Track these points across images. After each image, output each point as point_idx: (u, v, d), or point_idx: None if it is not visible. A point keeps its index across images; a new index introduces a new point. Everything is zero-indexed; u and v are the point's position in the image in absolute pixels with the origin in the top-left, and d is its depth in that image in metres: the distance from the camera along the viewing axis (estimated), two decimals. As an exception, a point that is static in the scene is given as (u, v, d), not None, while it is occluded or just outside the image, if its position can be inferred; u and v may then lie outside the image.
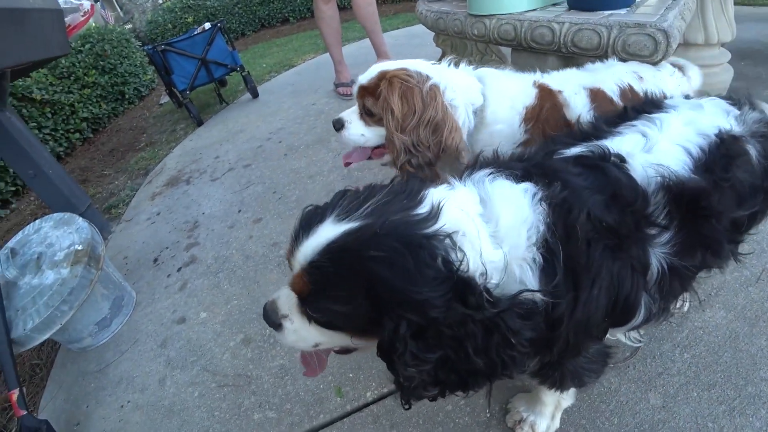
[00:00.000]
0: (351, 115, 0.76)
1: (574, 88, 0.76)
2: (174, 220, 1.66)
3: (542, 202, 0.46)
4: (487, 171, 0.52)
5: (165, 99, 4.18)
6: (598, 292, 0.45)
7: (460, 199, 0.48)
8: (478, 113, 0.74)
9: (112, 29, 4.44)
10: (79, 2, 2.12)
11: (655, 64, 0.83)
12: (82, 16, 2.10)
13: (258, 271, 1.23)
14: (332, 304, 0.45)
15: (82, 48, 3.80)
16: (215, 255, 1.36)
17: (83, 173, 2.73)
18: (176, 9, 5.44)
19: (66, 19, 1.97)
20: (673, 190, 0.50)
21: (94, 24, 4.38)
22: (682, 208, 0.50)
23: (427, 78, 0.70)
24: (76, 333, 1.09)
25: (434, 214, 0.44)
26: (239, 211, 1.56)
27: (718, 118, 0.58)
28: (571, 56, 0.96)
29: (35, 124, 2.71)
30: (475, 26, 1.14)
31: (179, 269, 1.35)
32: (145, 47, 3.27)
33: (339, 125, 0.77)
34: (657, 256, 0.49)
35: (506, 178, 0.50)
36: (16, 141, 1.54)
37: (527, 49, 1.03)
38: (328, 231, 0.44)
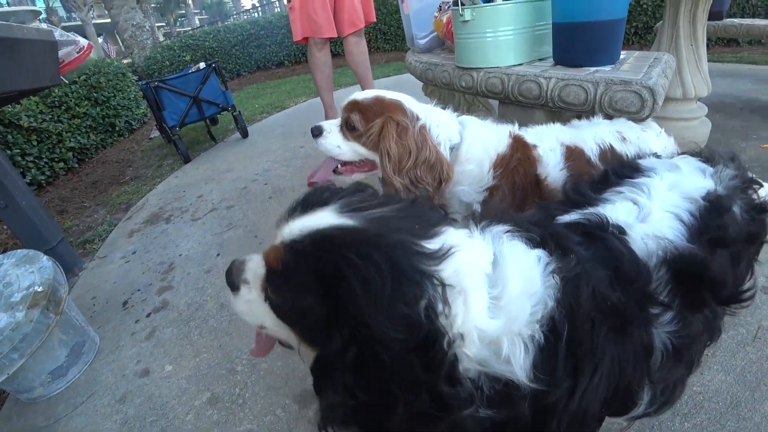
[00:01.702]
0: (331, 125, 0.74)
1: (551, 144, 0.76)
2: (149, 261, 1.59)
3: (554, 275, 0.42)
4: (506, 228, 0.48)
5: (155, 133, 4.17)
6: (598, 380, 0.41)
7: (474, 253, 0.43)
8: (454, 150, 0.73)
9: (109, 62, 4.49)
10: (76, 38, 2.12)
11: (642, 120, 0.83)
12: (77, 52, 2.10)
13: (232, 323, 1.16)
14: (292, 293, 0.42)
15: (77, 79, 3.81)
16: (188, 301, 1.29)
17: (62, 203, 2.65)
18: (175, 47, 5.56)
19: (60, 52, 1.97)
20: (674, 264, 0.47)
21: (94, 57, 4.42)
22: (683, 283, 0.47)
23: (417, 117, 0.69)
24: (27, 382, 1.01)
25: (441, 255, 0.40)
26: (218, 254, 1.51)
27: (698, 178, 0.57)
28: (558, 111, 0.96)
29: (19, 150, 2.66)
30: (463, 78, 1.15)
31: (149, 315, 1.27)
32: (140, 82, 3.30)
33: (317, 132, 0.75)
34: (661, 337, 0.45)
35: (522, 241, 0.46)
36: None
37: (515, 102, 1.03)
38: (324, 218, 0.41)
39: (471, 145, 0.72)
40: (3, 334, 0.89)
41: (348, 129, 0.71)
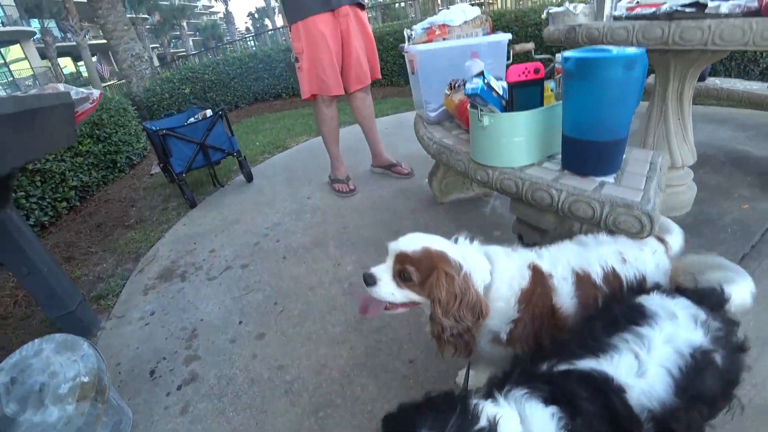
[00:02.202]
0: (382, 273, 0.82)
1: (564, 272, 0.85)
2: (170, 324, 1.65)
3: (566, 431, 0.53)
4: (524, 390, 0.58)
5: (156, 169, 4.23)
6: None
7: (509, 418, 0.54)
8: (485, 290, 0.82)
9: (111, 98, 4.55)
10: (89, 91, 2.20)
11: (641, 239, 0.93)
12: (90, 103, 2.18)
13: (265, 399, 1.22)
14: None
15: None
16: (218, 374, 1.35)
17: (68, 249, 2.68)
18: (174, 79, 5.64)
19: (76, 108, 2.05)
20: (660, 418, 0.58)
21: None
22: None
23: (460, 267, 0.78)
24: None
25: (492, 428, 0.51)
26: (240, 322, 1.56)
27: (690, 330, 0.67)
28: (567, 218, 1.07)
29: (23, 192, 2.70)
30: (479, 173, 1.25)
31: (179, 387, 1.33)
32: (144, 124, 3.36)
33: (372, 281, 0.83)
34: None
35: (539, 400, 0.56)
36: (15, 240, 1.53)
37: (527, 203, 1.14)
38: None
39: (500, 284, 0.81)
40: (56, 428, 0.95)
41: (402, 279, 0.80)
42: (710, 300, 0.73)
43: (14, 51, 19.55)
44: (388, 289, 0.82)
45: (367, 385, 1.22)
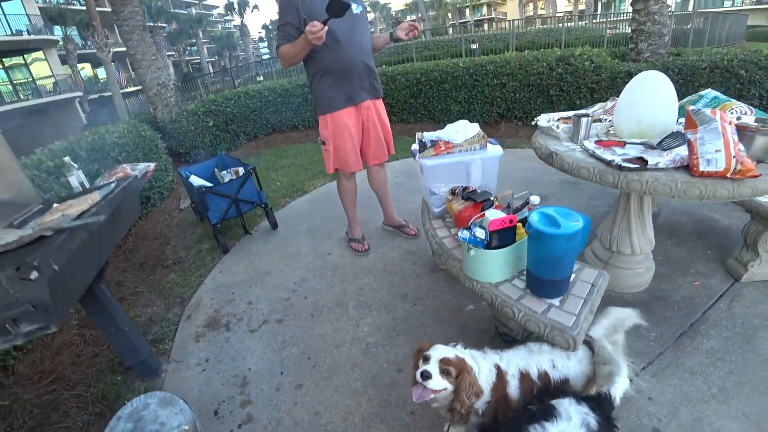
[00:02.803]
0: (433, 371, 1.24)
1: (513, 371, 1.31)
2: (224, 371, 2.08)
3: None
4: None
5: (184, 204, 4.69)
6: None
7: None
8: None
9: (143, 135, 5.00)
10: (147, 165, 2.67)
11: (570, 351, 1.37)
12: (147, 174, 2.65)
13: (309, 441, 1.67)
14: None
15: (119, 158, 4.32)
16: (269, 416, 1.78)
17: (119, 289, 3.12)
18: (199, 112, 6.10)
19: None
20: None
21: (126, 126, 4.95)
22: None
23: (471, 368, 1.25)
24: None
25: None
26: (281, 373, 2.00)
27: (576, 429, 1.09)
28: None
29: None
30: (467, 281, 1.68)
31: (240, 426, 1.76)
32: (181, 171, 3.82)
33: (428, 376, 1.24)
34: None
35: None
36: (105, 307, 1.97)
37: (498, 312, 1.58)
38: None
39: (482, 378, 1.27)
40: (170, 466, 1.38)
41: (444, 374, 1.24)
42: (603, 407, 1.16)
43: (36, 57, 20.03)
44: (437, 381, 1.25)
45: (381, 429, 1.66)
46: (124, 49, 7.10)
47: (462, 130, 2.12)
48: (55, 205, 2.05)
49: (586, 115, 2.10)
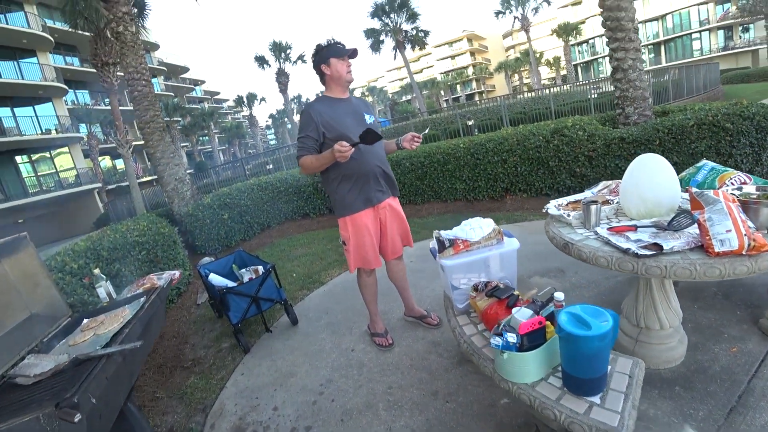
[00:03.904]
0: None
1: None
2: (250, 493, 1.98)
3: None
4: None
5: (202, 299, 4.71)
6: None
7: None
8: None
9: (162, 232, 5.15)
10: (172, 273, 2.73)
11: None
12: (171, 282, 2.71)
13: None
14: None
15: (139, 256, 4.42)
16: None
17: (138, 396, 3.04)
18: (214, 206, 6.31)
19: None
20: None
21: (145, 223, 5.11)
22: None
23: None
24: None
25: None
26: (313, 493, 1.90)
27: None
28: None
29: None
30: (501, 383, 1.65)
31: None
32: (199, 269, 3.88)
33: None
34: None
35: None
36: (133, 426, 1.93)
37: (538, 414, 1.52)
38: None
39: None
40: None
41: None
42: None
43: (61, 151, 21.54)
44: None
45: None
46: (142, 142, 7.52)
47: (478, 227, 2.19)
48: (85, 321, 2.10)
49: (595, 202, 2.17)
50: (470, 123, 13.99)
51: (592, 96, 14.66)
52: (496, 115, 15.42)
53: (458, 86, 60.97)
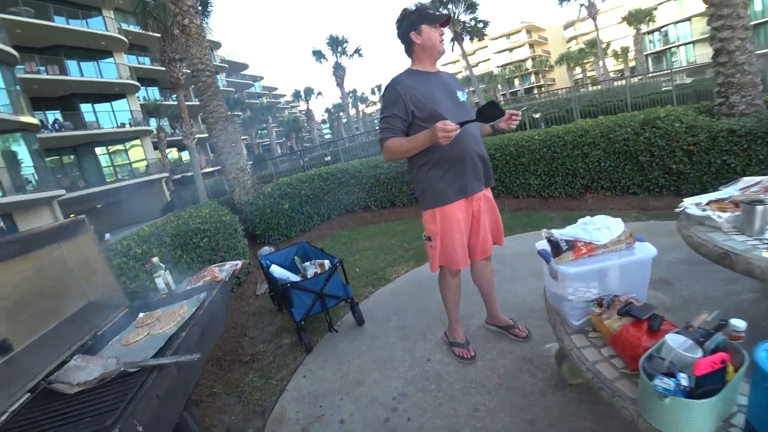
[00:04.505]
0: None
1: None
2: None
3: None
4: None
5: (261, 290, 4.54)
6: None
7: None
8: None
9: (224, 220, 5.05)
10: (234, 263, 2.50)
11: None
12: (233, 271, 2.48)
13: None
14: None
15: (201, 243, 4.32)
16: None
17: (196, 390, 2.87)
18: (275, 195, 6.18)
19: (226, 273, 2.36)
20: None
21: (207, 211, 5.03)
22: None
23: None
24: None
25: None
26: None
27: None
28: None
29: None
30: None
31: None
32: (260, 259, 3.68)
33: None
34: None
35: None
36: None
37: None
38: None
39: None
40: None
41: None
42: None
43: (134, 144, 23.42)
44: None
45: None
46: (205, 135, 7.67)
47: (604, 228, 1.75)
48: (140, 315, 1.89)
49: (762, 202, 1.68)
50: (536, 116, 13.14)
51: (671, 87, 13.41)
52: (562, 108, 14.48)
53: (516, 80, 58.72)
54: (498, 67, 59.90)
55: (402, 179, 6.34)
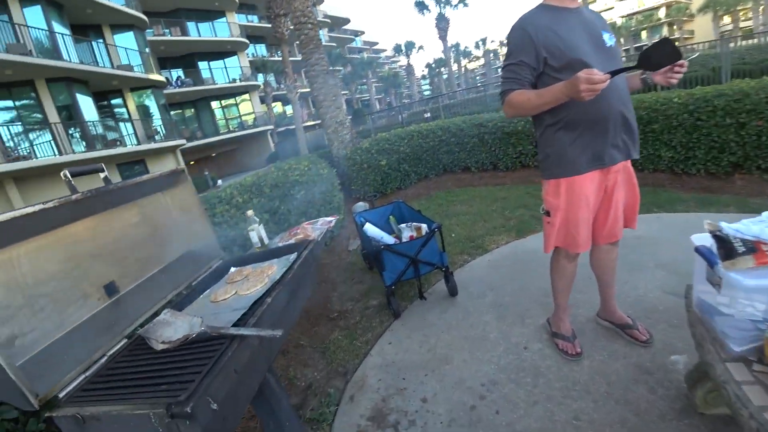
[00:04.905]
0: None
1: None
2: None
3: None
4: None
5: (353, 246, 4.53)
6: None
7: None
8: None
9: (321, 173, 5.08)
10: (328, 219, 2.40)
11: None
12: (327, 225, 2.40)
13: None
14: None
15: (298, 195, 4.37)
16: None
17: (285, 341, 2.93)
18: (373, 150, 6.09)
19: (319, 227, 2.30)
20: None
21: (306, 163, 5.09)
22: None
23: None
24: None
25: None
26: None
27: None
28: None
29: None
30: None
31: None
32: (356, 216, 3.60)
33: None
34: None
35: None
36: (269, 402, 1.64)
37: None
38: None
39: None
40: None
41: None
42: None
43: (243, 99, 25.26)
44: None
45: None
46: (307, 90, 7.80)
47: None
48: (232, 270, 1.86)
49: None
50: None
51: None
52: (705, 66, 12.20)
53: (644, 33, 50.56)
54: (622, 17, 51.90)
55: (508, 141, 5.82)
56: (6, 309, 1.21)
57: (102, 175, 1.48)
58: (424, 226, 3.00)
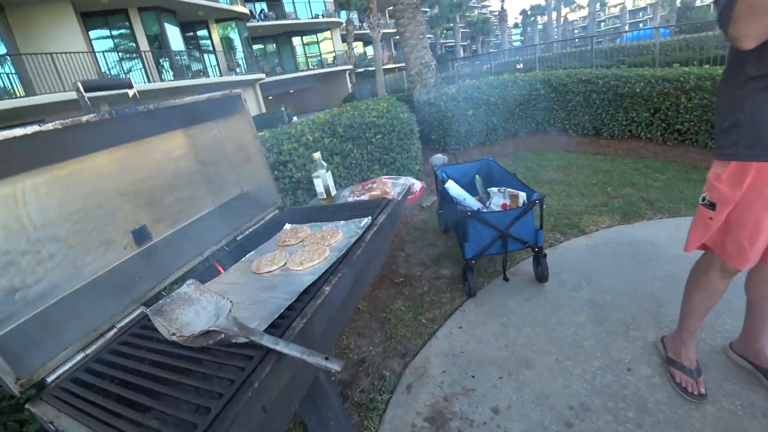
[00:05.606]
0: None
1: None
2: None
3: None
4: None
5: (428, 202, 4.13)
6: None
7: None
8: None
9: (401, 117, 4.60)
10: (412, 183, 2.00)
11: None
12: (412, 194, 2.02)
13: None
14: None
15: (373, 139, 4.00)
16: None
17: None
18: (459, 98, 5.49)
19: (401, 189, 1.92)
20: None
21: (385, 105, 4.64)
22: None
23: None
24: None
25: None
26: None
27: None
28: None
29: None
30: None
31: None
32: (437, 171, 3.17)
33: None
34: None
35: None
36: (315, 403, 1.34)
37: None
38: None
39: None
40: None
41: None
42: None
43: (324, 36, 25.08)
44: None
45: None
46: (390, 31, 7.16)
47: None
48: (287, 226, 1.52)
49: None
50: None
51: None
52: None
53: None
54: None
55: (619, 104, 4.92)
56: (4, 255, 0.96)
57: (131, 92, 1.15)
58: (522, 195, 2.47)
